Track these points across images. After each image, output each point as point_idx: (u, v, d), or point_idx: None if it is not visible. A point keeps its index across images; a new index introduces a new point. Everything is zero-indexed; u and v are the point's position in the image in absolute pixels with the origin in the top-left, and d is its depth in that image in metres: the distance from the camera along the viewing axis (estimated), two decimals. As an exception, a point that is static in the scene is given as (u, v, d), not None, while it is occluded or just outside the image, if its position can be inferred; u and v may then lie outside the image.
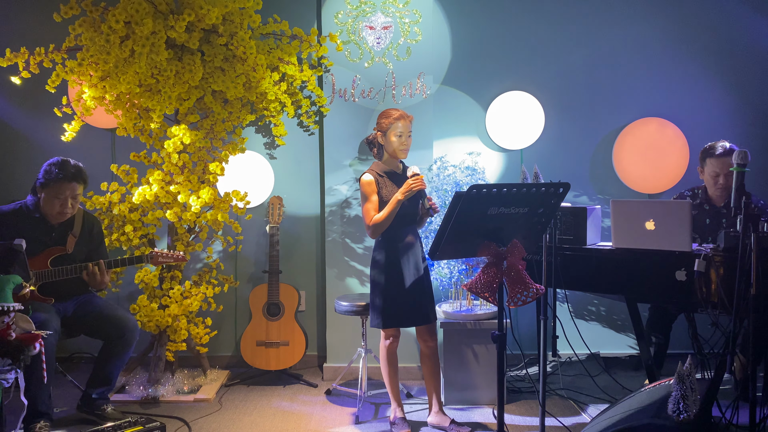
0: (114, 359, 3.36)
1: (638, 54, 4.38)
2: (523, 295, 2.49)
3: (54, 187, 3.25)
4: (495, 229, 2.49)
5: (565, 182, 2.52)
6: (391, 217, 3.12)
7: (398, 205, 3.10)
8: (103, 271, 3.30)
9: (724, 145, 3.54)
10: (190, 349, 3.98)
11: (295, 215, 4.36)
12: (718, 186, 3.56)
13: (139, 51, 3.43)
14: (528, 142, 4.30)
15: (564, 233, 3.35)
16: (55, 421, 3.26)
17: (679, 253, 2.93)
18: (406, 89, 4.09)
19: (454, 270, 3.71)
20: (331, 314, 4.12)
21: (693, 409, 2.32)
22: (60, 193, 3.26)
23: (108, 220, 3.83)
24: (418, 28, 4.06)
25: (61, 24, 3.59)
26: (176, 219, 3.74)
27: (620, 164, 4.35)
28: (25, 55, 3.54)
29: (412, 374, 4.11)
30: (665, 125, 4.30)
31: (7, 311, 2.47)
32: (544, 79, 4.36)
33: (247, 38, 3.65)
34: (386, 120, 3.22)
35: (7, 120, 4.35)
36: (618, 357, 4.39)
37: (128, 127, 3.73)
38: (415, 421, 3.40)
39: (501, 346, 2.55)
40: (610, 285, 3.27)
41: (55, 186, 3.25)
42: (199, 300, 3.82)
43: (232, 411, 3.59)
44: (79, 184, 3.32)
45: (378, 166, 3.29)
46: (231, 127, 3.95)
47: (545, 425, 2.98)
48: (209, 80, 3.73)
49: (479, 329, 3.60)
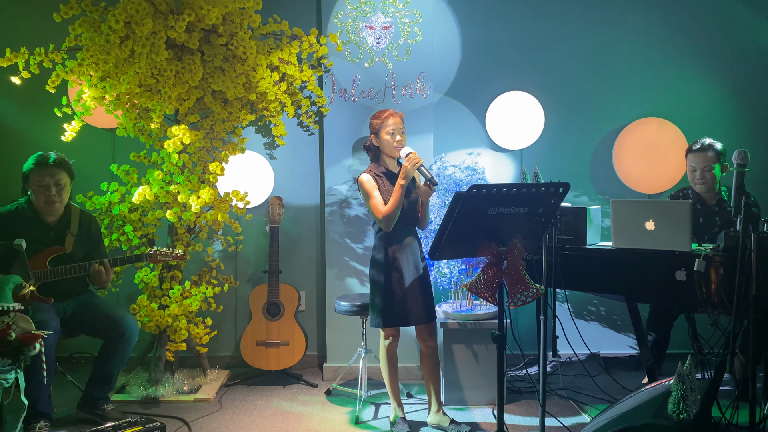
0: (114, 359, 3.36)
1: (638, 54, 4.38)
2: (523, 295, 2.49)
3: (35, 175, 3.28)
4: (495, 229, 2.49)
5: (565, 182, 2.52)
6: (400, 204, 3.11)
7: (403, 191, 3.09)
8: (108, 269, 3.30)
9: (703, 141, 3.60)
10: (190, 349, 3.98)
11: (295, 215, 4.36)
12: (696, 182, 3.62)
13: (139, 51, 3.43)
14: (528, 142, 4.30)
15: (564, 233, 3.35)
16: (55, 421, 3.26)
17: (679, 253, 2.93)
18: (406, 89, 4.09)
19: (454, 270, 3.72)
20: (331, 314, 4.12)
21: (693, 409, 2.32)
22: (41, 180, 3.27)
23: (108, 220, 3.84)
24: (418, 28, 4.06)
25: (61, 24, 3.59)
26: (176, 219, 3.74)
27: (620, 164, 4.35)
28: (25, 55, 3.54)
29: (412, 374, 4.11)
30: (665, 125, 4.30)
31: (7, 311, 2.47)
32: (544, 79, 4.36)
33: (247, 38, 3.65)
34: (377, 120, 3.24)
35: (7, 120, 4.35)
36: (618, 357, 4.39)
37: (128, 127, 3.73)
38: (415, 421, 3.40)
39: (501, 346, 2.55)
40: (610, 285, 3.27)
41: (36, 174, 3.28)
42: (199, 300, 3.82)
43: (232, 411, 3.59)
44: (60, 170, 3.31)
45: (376, 166, 3.29)
46: (231, 127, 3.95)
47: (545, 425, 2.98)
48: (209, 80, 3.73)
49: (479, 329, 3.60)
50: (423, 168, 3.09)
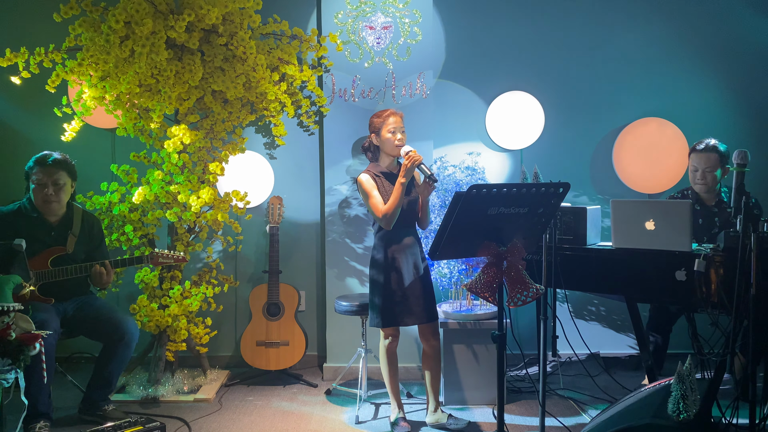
0: (114, 361, 3.35)
1: (638, 54, 4.38)
2: (523, 295, 2.49)
3: (34, 174, 3.30)
4: (495, 229, 2.49)
5: (565, 182, 2.52)
6: (401, 202, 3.11)
7: (403, 189, 3.10)
8: (110, 270, 3.30)
9: (708, 141, 3.61)
10: (190, 349, 3.98)
11: (295, 215, 4.36)
12: (697, 181, 3.63)
13: (139, 51, 3.43)
14: (528, 142, 4.30)
15: (564, 233, 3.35)
16: (55, 421, 3.26)
17: (679, 253, 2.93)
18: (406, 89, 4.09)
19: (454, 270, 3.72)
20: (331, 314, 4.12)
21: (693, 409, 2.32)
22: (40, 179, 3.29)
23: (108, 220, 3.83)
24: (418, 28, 4.06)
25: (61, 24, 3.59)
26: (176, 219, 3.74)
27: (620, 164, 4.35)
28: (25, 55, 3.54)
29: (412, 374, 4.11)
30: (665, 125, 4.30)
31: (7, 311, 2.47)
32: (544, 79, 4.36)
33: (247, 38, 3.65)
34: (378, 119, 3.25)
35: (7, 120, 4.35)
36: (618, 357, 4.39)
37: (128, 127, 3.73)
38: (415, 421, 3.40)
39: (501, 346, 2.55)
40: (610, 285, 3.27)
41: (35, 173, 3.30)
42: (199, 300, 3.82)
43: (232, 411, 3.59)
44: (59, 170, 3.32)
45: (375, 166, 3.29)
46: (231, 127, 3.95)
47: (545, 425, 2.99)
48: (209, 80, 3.73)
49: (479, 329, 3.60)
50: (423, 165, 3.09)
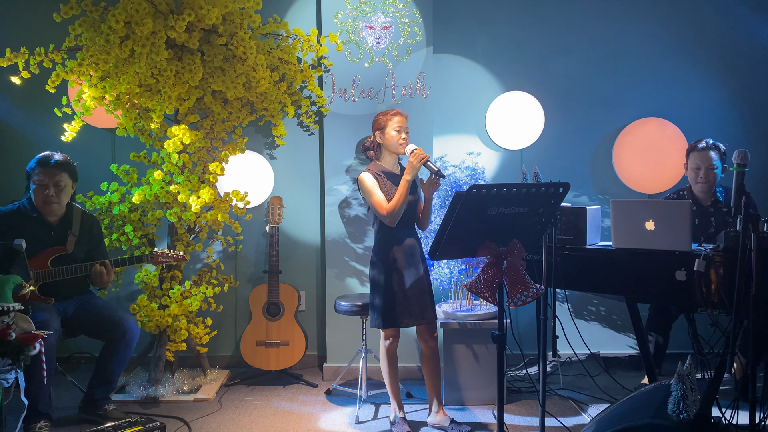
0: (115, 360, 3.35)
1: (638, 54, 4.38)
2: (523, 295, 2.49)
3: (36, 174, 3.30)
4: (495, 229, 2.50)
5: (565, 182, 2.52)
6: (406, 199, 3.12)
7: (409, 186, 3.11)
8: (110, 270, 3.31)
9: (707, 140, 3.64)
10: (190, 349, 3.98)
11: (295, 215, 4.35)
12: (699, 180, 3.64)
13: (139, 51, 3.43)
14: (528, 142, 4.30)
15: (564, 233, 3.35)
16: (55, 421, 3.26)
17: (679, 253, 2.93)
18: (406, 89, 4.09)
19: (454, 270, 3.72)
20: (331, 314, 4.12)
21: (693, 409, 2.32)
22: (42, 180, 3.29)
23: (108, 220, 3.84)
24: (418, 28, 4.06)
25: (61, 24, 3.58)
26: (176, 219, 3.74)
27: (620, 164, 4.35)
28: (25, 55, 3.54)
29: (412, 374, 4.11)
30: (665, 125, 4.30)
31: (7, 311, 2.47)
32: (544, 79, 4.36)
33: (247, 38, 3.65)
34: (383, 117, 3.26)
35: (7, 120, 4.35)
36: (618, 357, 4.39)
37: (128, 127, 3.73)
38: (415, 421, 3.40)
39: (501, 346, 2.55)
40: (610, 285, 3.26)
41: (37, 173, 3.30)
42: (199, 300, 3.82)
43: (232, 411, 3.59)
44: (61, 171, 3.32)
45: (376, 166, 3.29)
46: (231, 127, 3.95)
47: (545, 425, 2.98)
48: (209, 80, 3.73)
49: (479, 329, 3.60)
50: (429, 162, 3.12)
